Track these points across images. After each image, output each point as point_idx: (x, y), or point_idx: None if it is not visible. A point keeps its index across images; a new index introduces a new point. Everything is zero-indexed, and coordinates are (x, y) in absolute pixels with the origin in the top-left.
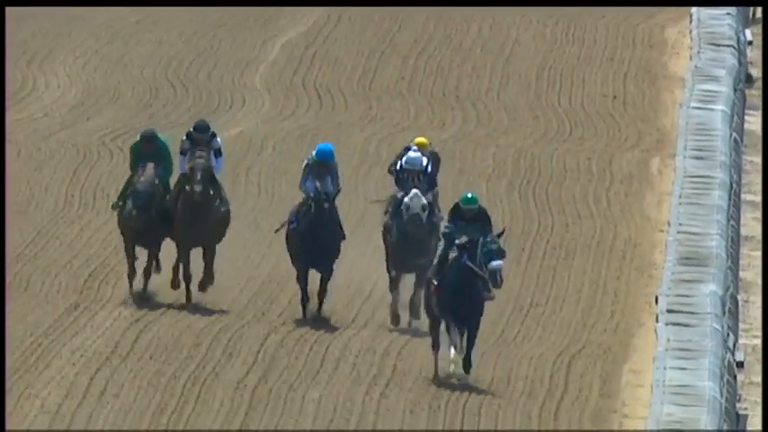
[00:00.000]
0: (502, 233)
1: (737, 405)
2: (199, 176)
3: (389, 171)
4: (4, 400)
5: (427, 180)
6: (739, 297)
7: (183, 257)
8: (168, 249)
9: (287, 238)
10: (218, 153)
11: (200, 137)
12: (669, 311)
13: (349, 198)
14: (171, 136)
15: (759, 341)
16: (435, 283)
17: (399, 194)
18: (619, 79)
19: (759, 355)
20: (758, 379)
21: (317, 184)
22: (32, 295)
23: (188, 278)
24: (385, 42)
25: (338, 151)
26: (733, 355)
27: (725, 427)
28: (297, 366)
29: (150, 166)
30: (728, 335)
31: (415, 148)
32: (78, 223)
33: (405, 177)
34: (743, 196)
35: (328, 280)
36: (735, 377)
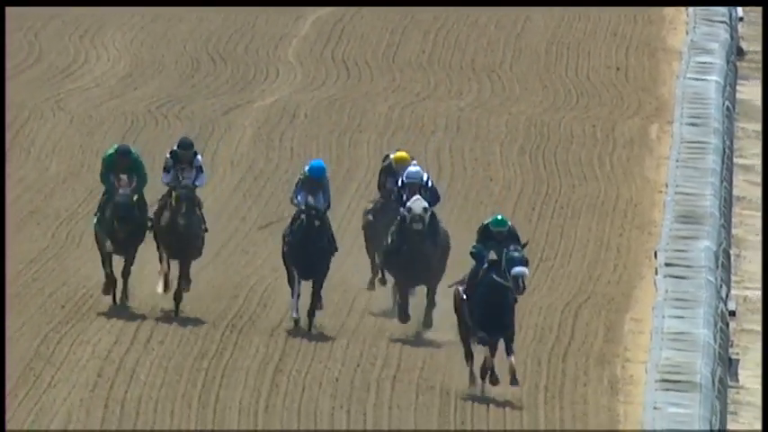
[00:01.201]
0: (525, 245)
1: (730, 350)
2: (184, 208)
3: (379, 187)
4: (4, 401)
5: (430, 193)
6: (731, 252)
7: (166, 263)
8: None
9: (282, 251)
10: (199, 170)
11: (184, 153)
12: (667, 265)
13: (374, 169)
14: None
15: (750, 293)
16: (465, 297)
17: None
18: (621, 52)
19: (750, 305)
20: (749, 327)
21: (309, 198)
22: (85, 251)
23: (168, 281)
24: (407, 19)
25: (366, 117)
26: (726, 304)
27: (718, 371)
28: (326, 315)
29: (125, 179)
30: (721, 286)
31: (414, 162)
32: None
33: (405, 192)
34: (735, 160)
35: (320, 290)
36: (727, 325)
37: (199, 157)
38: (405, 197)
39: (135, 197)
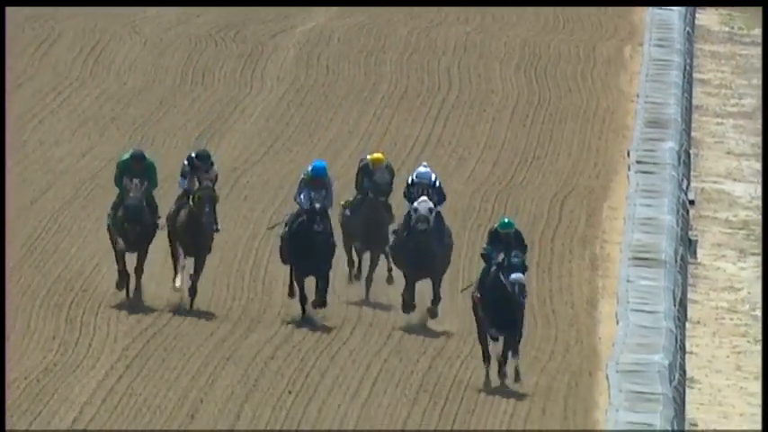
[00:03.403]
0: (526, 249)
1: (690, 233)
2: (207, 207)
3: (356, 186)
4: (4, 400)
5: (436, 192)
6: (691, 151)
7: (179, 262)
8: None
9: (280, 248)
10: (214, 181)
11: (201, 164)
12: (638, 162)
13: (396, 82)
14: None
15: (706, 185)
16: (479, 295)
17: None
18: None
19: (706, 196)
20: (705, 213)
21: (312, 194)
22: (158, 151)
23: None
24: None
25: (389, 40)
26: (686, 195)
27: (680, 250)
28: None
29: (137, 182)
30: (683, 180)
31: (424, 163)
32: (191, 96)
33: (415, 191)
34: (694, 75)
35: (326, 286)
36: (687, 212)
37: (215, 167)
38: (413, 195)
39: (145, 202)
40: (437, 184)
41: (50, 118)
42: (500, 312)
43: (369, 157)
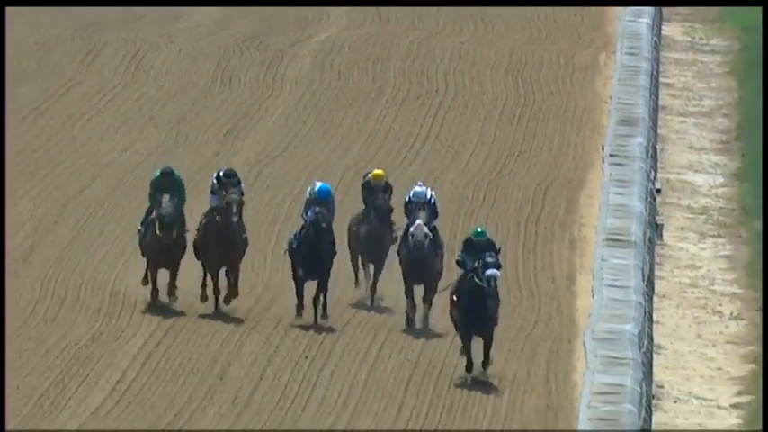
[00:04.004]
0: (499, 250)
1: (656, 217)
2: (234, 209)
3: (364, 202)
4: (4, 401)
5: (431, 210)
6: (658, 146)
7: (212, 276)
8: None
9: (290, 256)
10: (242, 194)
11: (228, 181)
12: (611, 156)
13: (399, 86)
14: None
15: (671, 176)
16: (455, 299)
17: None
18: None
19: (671, 186)
20: (671, 201)
21: (317, 208)
22: (191, 148)
23: (217, 293)
24: None
25: (393, 49)
26: (653, 184)
27: (648, 233)
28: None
29: (167, 197)
30: (650, 171)
31: (420, 183)
32: (219, 97)
33: (412, 208)
34: (660, 79)
35: (325, 289)
36: (654, 199)
37: (242, 185)
38: (411, 211)
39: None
40: (432, 201)
41: (97, 117)
42: (475, 315)
43: (370, 174)
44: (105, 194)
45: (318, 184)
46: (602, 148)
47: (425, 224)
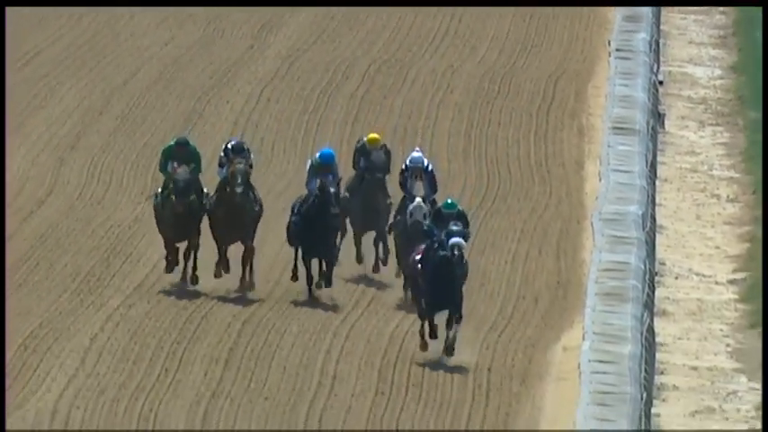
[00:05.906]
0: (468, 223)
1: (659, 107)
2: (239, 179)
3: (353, 165)
4: (4, 401)
5: (429, 180)
6: (660, 41)
7: (222, 252)
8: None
9: (287, 231)
10: (251, 166)
11: (236, 156)
12: (617, 50)
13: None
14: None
15: (672, 68)
16: (420, 267)
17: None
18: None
19: (673, 77)
20: (672, 92)
21: (321, 179)
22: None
23: (227, 269)
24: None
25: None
26: (656, 76)
27: (651, 121)
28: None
29: (183, 166)
30: (654, 64)
31: (417, 148)
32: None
33: (409, 175)
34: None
35: (332, 265)
36: (657, 90)
37: (251, 156)
38: (408, 181)
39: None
40: (429, 168)
41: (139, 14)
42: (440, 288)
43: (366, 138)
44: (147, 86)
45: (320, 152)
46: (609, 43)
47: (424, 199)
